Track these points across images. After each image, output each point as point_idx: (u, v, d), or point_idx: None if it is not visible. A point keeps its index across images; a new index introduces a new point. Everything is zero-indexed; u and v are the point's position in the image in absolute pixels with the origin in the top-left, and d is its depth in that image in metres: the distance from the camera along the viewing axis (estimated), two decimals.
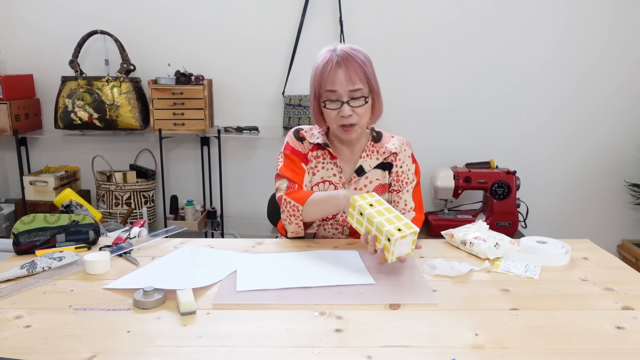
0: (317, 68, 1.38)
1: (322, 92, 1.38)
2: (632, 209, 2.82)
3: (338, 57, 1.34)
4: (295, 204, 1.39)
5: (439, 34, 2.63)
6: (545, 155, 2.77)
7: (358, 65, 1.34)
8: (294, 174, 1.47)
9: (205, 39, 2.65)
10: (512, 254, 1.27)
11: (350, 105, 1.35)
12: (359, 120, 1.38)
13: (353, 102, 1.36)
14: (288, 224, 1.43)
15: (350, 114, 1.35)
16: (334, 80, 1.34)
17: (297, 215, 1.40)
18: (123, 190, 2.57)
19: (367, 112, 1.40)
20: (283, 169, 1.48)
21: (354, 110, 1.36)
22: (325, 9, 2.60)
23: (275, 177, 1.50)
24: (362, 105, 1.37)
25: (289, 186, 1.45)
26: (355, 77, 1.34)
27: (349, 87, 1.34)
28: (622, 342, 0.87)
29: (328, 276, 1.14)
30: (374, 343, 0.86)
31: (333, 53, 1.36)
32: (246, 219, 2.86)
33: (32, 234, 1.29)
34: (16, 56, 2.68)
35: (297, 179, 1.46)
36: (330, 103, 1.37)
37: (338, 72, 1.34)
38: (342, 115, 1.36)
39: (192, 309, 0.97)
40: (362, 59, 1.36)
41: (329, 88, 1.35)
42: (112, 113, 2.49)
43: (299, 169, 1.48)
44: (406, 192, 1.49)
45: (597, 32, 2.61)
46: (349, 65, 1.33)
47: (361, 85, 1.35)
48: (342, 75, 1.33)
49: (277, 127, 2.70)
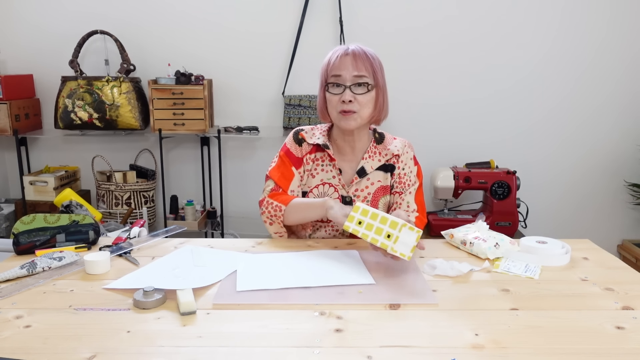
0: (328, 59, 1.41)
1: (329, 78, 1.40)
2: (632, 209, 2.82)
3: (348, 49, 1.39)
4: (277, 204, 1.41)
5: (439, 34, 2.63)
6: (545, 155, 2.77)
7: (366, 57, 1.38)
8: (282, 178, 1.48)
9: (206, 38, 2.65)
10: (512, 254, 1.27)
11: (353, 92, 1.37)
12: (360, 110, 1.39)
13: (355, 89, 1.37)
14: (269, 224, 1.45)
15: (351, 99, 1.36)
16: (340, 65, 1.37)
17: (278, 216, 1.41)
18: (123, 190, 2.57)
19: (369, 103, 1.40)
20: (273, 171, 1.49)
21: (355, 97, 1.37)
22: (325, 9, 2.60)
23: (265, 178, 1.51)
24: (364, 93, 1.38)
25: (273, 189, 1.47)
26: (362, 65, 1.37)
27: (353, 73, 1.36)
28: (622, 342, 0.87)
29: (328, 276, 1.14)
30: (374, 343, 0.86)
31: (346, 47, 1.41)
32: (246, 219, 2.86)
33: (32, 234, 1.29)
34: (16, 56, 2.68)
35: (284, 183, 1.47)
36: (333, 87, 1.39)
37: (346, 58, 1.38)
38: (343, 100, 1.37)
39: (192, 309, 0.97)
40: (373, 55, 1.41)
41: (335, 73, 1.38)
42: (112, 113, 2.49)
43: (288, 172, 1.49)
44: (408, 194, 1.49)
45: (595, 30, 2.61)
46: (357, 55, 1.38)
47: (366, 73, 1.37)
48: (349, 61, 1.37)
49: (277, 127, 2.70)
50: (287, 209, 1.40)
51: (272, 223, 1.44)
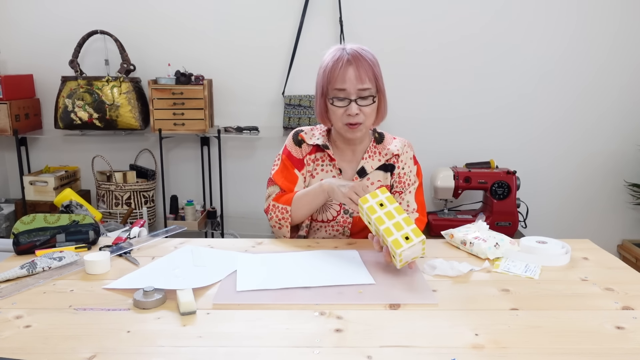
0: (327, 66, 1.37)
1: (331, 89, 1.37)
2: (632, 209, 2.82)
3: (348, 56, 1.35)
4: (283, 206, 1.41)
5: (440, 35, 2.63)
6: (545, 156, 2.77)
7: (368, 65, 1.35)
8: (285, 182, 1.48)
9: (206, 39, 2.65)
10: (512, 254, 1.27)
11: (358, 104, 1.36)
12: (365, 120, 1.38)
13: (361, 101, 1.36)
14: (278, 228, 1.44)
15: (358, 112, 1.36)
16: (344, 78, 1.34)
17: (286, 218, 1.41)
18: (123, 190, 2.57)
19: (373, 112, 1.40)
20: (276, 175, 1.49)
21: (361, 109, 1.36)
22: (325, 9, 2.60)
23: (268, 182, 1.51)
24: (369, 105, 1.37)
25: (278, 194, 1.46)
26: (365, 76, 1.34)
27: (358, 86, 1.34)
28: (622, 342, 0.87)
29: (328, 276, 1.14)
30: (374, 343, 0.86)
31: (343, 51, 1.36)
32: (246, 219, 2.86)
33: (32, 234, 1.29)
34: (16, 56, 2.68)
35: (288, 187, 1.47)
36: (338, 101, 1.37)
37: (348, 70, 1.34)
38: (349, 114, 1.36)
39: (192, 309, 0.97)
40: (372, 59, 1.37)
41: (339, 86, 1.35)
42: (112, 113, 2.49)
43: (292, 176, 1.48)
44: (408, 193, 1.49)
45: (600, 37, 2.61)
46: (359, 64, 1.34)
47: (370, 85, 1.35)
48: (352, 73, 1.33)
49: (277, 127, 2.70)
50: (292, 208, 1.41)
51: (280, 227, 1.44)
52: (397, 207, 1.18)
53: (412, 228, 1.13)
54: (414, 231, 1.12)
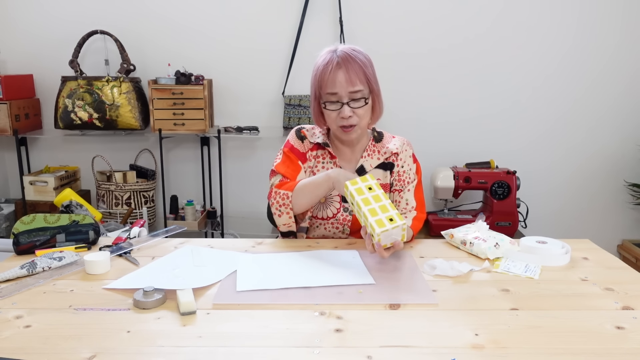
0: (318, 69, 1.38)
1: (323, 93, 1.38)
2: (632, 209, 2.82)
3: (338, 58, 1.35)
4: (284, 192, 1.40)
5: (440, 35, 2.63)
6: (545, 156, 2.77)
7: (358, 67, 1.34)
8: (288, 170, 1.47)
9: (206, 39, 2.65)
10: (512, 254, 1.27)
11: (350, 107, 1.36)
12: (359, 121, 1.38)
13: (353, 104, 1.36)
14: (278, 216, 1.42)
15: (350, 115, 1.36)
16: (334, 82, 1.34)
17: (287, 204, 1.40)
18: (123, 190, 2.57)
19: (367, 113, 1.40)
20: (279, 166, 1.49)
21: (354, 111, 1.36)
22: (325, 9, 2.60)
23: (270, 174, 1.50)
24: (362, 107, 1.37)
25: (281, 180, 1.46)
26: (356, 78, 1.34)
27: (349, 89, 1.34)
28: (622, 342, 0.87)
29: (328, 276, 1.14)
30: (374, 343, 0.86)
31: (333, 54, 1.36)
32: (246, 219, 2.86)
33: (32, 234, 1.29)
34: (16, 56, 2.68)
35: (291, 175, 1.46)
36: (331, 104, 1.37)
37: (338, 73, 1.34)
38: (342, 117, 1.36)
39: (192, 309, 0.97)
40: (363, 60, 1.36)
41: (330, 90, 1.35)
42: (112, 113, 2.49)
43: (295, 166, 1.48)
44: (407, 191, 1.50)
45: (601, 38, 2.61)
46: (349, 67, 1.34)
47: (361, 86, 1.35)
48: (342, 76, 1.33)
49: (277, 127, 2.70)
50: (294, 195, 1.39)
51: (280, 214, 1.42)
52: (384, 193, 1.22)
53: (397, 212, 1.18)
54: (398, 215, 1.17)
